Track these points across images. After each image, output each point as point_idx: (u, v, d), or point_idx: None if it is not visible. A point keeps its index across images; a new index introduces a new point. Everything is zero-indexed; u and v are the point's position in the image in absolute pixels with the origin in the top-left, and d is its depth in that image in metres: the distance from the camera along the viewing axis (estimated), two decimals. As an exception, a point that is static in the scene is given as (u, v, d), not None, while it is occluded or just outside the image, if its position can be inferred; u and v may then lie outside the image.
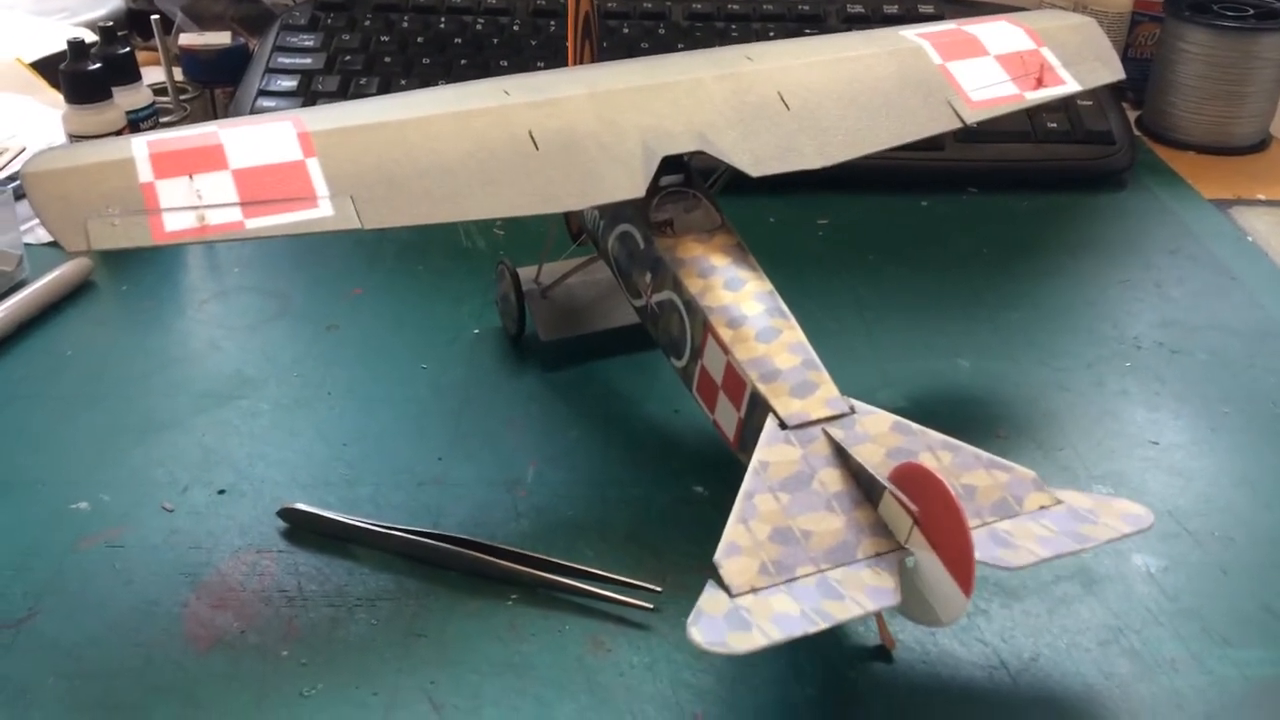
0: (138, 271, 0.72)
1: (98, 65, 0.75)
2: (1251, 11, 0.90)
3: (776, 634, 0.37)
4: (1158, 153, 0.91)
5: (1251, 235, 0.79)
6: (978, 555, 0.40)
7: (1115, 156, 0.84)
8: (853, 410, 0.45)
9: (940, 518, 0.39)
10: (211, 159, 0.45)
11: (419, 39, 0.92)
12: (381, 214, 0.46)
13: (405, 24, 0.93)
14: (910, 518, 0.40)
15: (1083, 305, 0.70)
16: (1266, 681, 0.45)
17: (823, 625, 0.37)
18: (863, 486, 0.42)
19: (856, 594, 0.39)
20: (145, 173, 0.44)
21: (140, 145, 0.45)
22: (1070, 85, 0.57)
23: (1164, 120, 0.93)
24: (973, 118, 0.55)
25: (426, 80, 0.87)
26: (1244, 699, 0.44)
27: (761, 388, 0.45)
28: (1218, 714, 0.43)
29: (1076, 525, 0.42)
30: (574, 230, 0.66)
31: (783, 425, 0.44)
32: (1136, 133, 0.93)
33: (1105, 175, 0.85)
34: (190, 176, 0.44)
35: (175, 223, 0.43)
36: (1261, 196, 0.85)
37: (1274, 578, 0.49)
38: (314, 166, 0.46)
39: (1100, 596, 0.48)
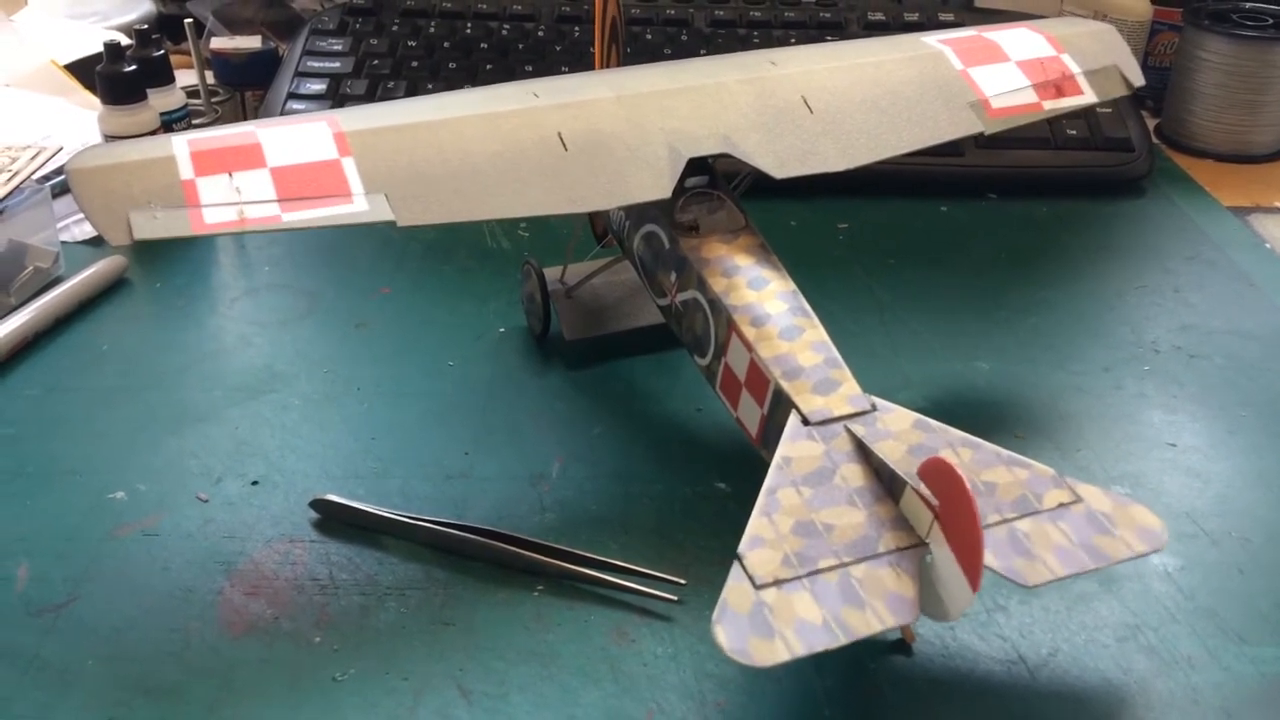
0: (171, 269, 0.74)
1: (133, 67, 0.76)
2: (1271, 21, 0.91)
3: (799, 647, 0.38)
4: (1176, 160, 0.92)
5: (1270, 242, 0.79)
6: (996, 563, 0.41)
7: (1134, 164, 0.85)
8: (874, 407, 0.45)
9: (956, 512, 0.39)
10: (250, 157, 0.46)
11: (445, 43, 0.93)
12: (415, 212, 0.47)
13: (432, 29, 0.94)
14: (931, 513, 0.41)
15: (1101, 310, 0.71)
16: (1282, 678, 0.45)
17: (844, 640, 0.38)
18: (884, 482, 0.43)
19: (877, 603, 0.39)
20: (186, 170, 0.45)
21: (181, 144, 0.46)
22: (1088, 96, 0.58)
23: (1183, 128, 0.94)
24: (992, 128, 0.55)
25: (452, 84, 0.88)
26: (1260, 695, 0.44)
27: (784, 385, 0.46)
28: (1234, 710, 0.44)
29: (1092, 536, 0.42)
30: (599, 231, 0.67)
31: (805, 421, 0.45)
32: (1155, 140, 0.94)
33: (1124, 182, 0.85)
34: (230, 174, 0.46)
35: (215, 217, 0.45)
36: (1279, 204, 0.85)
37: (1290, 578, 0.50)
38: (349, 165, 0.47)
39: (1118, 594, 0.49)
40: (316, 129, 0.48)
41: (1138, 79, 0.59)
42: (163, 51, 0.81)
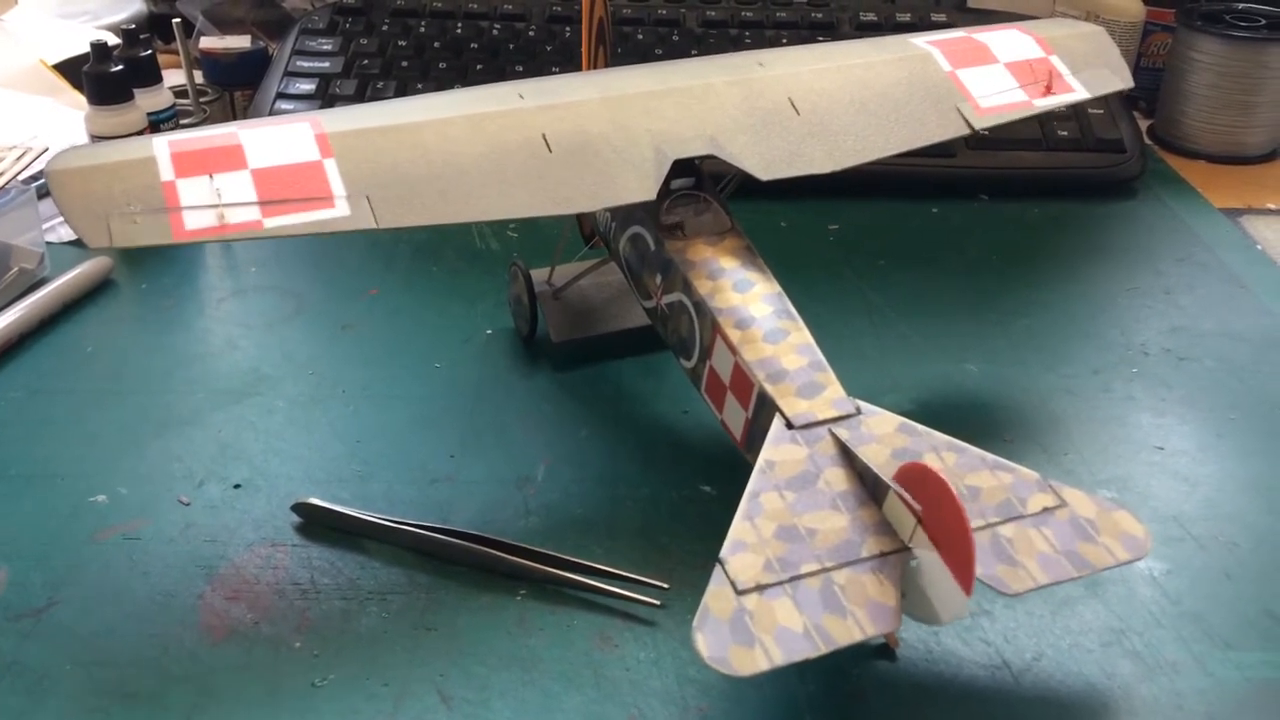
0: (157, 270, 0.73)
1: (120, 67, 0.76)
2: (1263, 22, 0.90)
3: (779, 656, 0.37)
4: (1168, 162, 0.92)
5: (1261, 244, 0.79)
6: (978, 569, 0.40)
7: (1126, 165, 0.85)
8: (859, 411, 0.45)
9: (943, 517, 0.39)
10: (231, 159, 0.46)
11: (435, 43, 0.93)
12: (397, 213, 0.46)
13: (422, 29, 0.94)
14: (914, 517, 0.40)
15: (1091, 312, 0.70)
16: (1267, 684, 0.45)
17: (824, 649, 0.38)
18: (867, 486, 0.43)
19: (859, 611, 0.39)
20: (166, 171, 0.45)
21: (162, 144, 0.46)
22: (1079, 93, 0.58)
23: (1175, 129, 0.94)
24: (981, 124, 0.55)
25: (443, 84, 0.88)
26: (1245, 701, 0.44)
27: (769, 388, 0.46)
28: (1218, 715, 0.44)
29: (1076, 543, 0.42)
30: (586, 233, 0.67)
31: (789, 425, 0.45)
32: (1147, 142, 0.94)
33: (1116, 183, 0.85)
34: (210, 176, 0.45)
35: (195, 221, 0.44)
36: (1271, 206, 0.85)
37: (1277, 582, 0.50)
38: (331, 167, 0.47)
39: (1103, 599, 0.49)
40: (299, 130, 0.48)
41: (1127, 81, 0.59)
42: (150, 51, 0.81)
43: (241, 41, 0.94)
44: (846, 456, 0.43)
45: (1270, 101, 0.90)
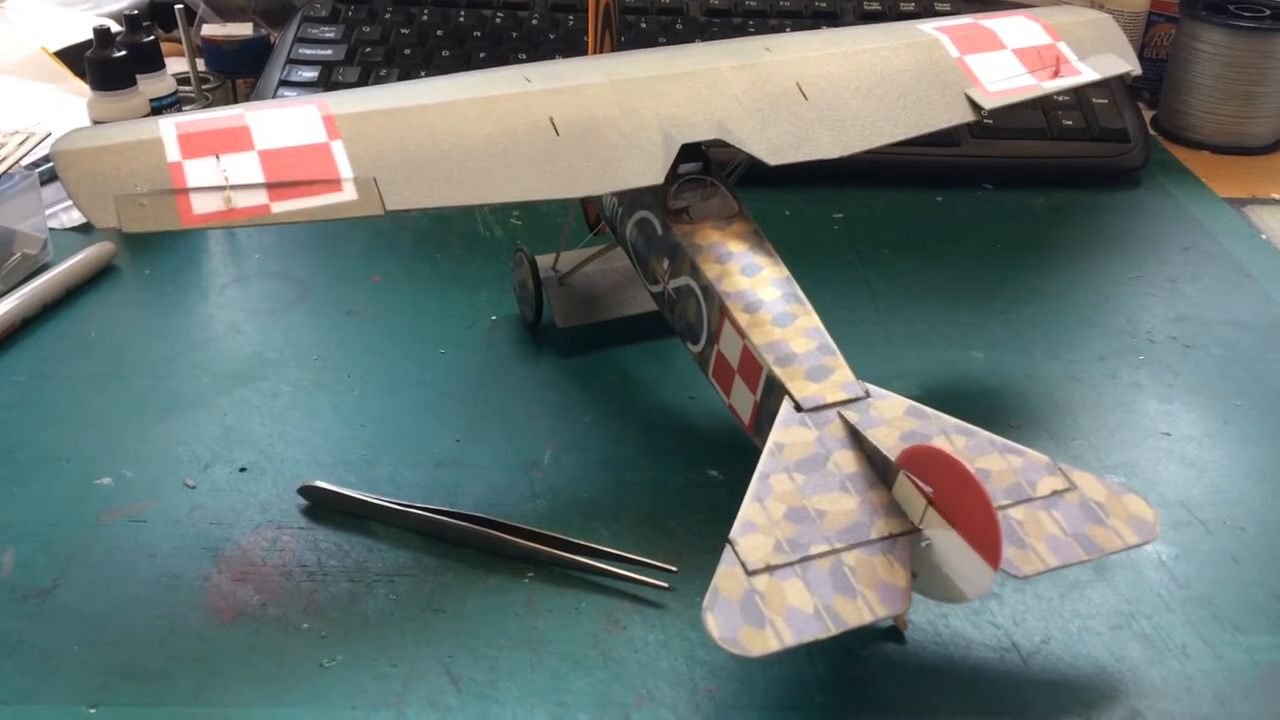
0: (160, 256, 0.73)
1: (123, 53, 0.76)
2: (1267, 12, 0.90)
3: (789, 636, 0.37)
4: (1173, 152, 0.92)
5: (1265, 233, 0.79)
6: None
7: (1130, 154, 0.85)
8: (867, 394, 0.45)
9: (958, 495, 0.39)
10: (238, 140, 0.46)
11: (438, 32, 0.92)
12: (404, 195, 0.46)
13: (425, 17, 0.94)
14: (924, 499, 0.40)
15: (1096, 300, 0.70)
16: (1276, 667, 0.45)
17: (834, 630, 0.38)
18: (877, 468, 0.42)
19: (869, 592, 0.39)
20: (173, 152, 0.45)
21: (168, 125, 0.46)
22: (1087, 74, 0.57)
23: (1179, 120, 0.94)
24: (990, 104, 0.55)
25: (445, 73, 0.87)
26: (1253, 683, 0.44)
27: (777, 371, 0.46)
28: (1227, 698, 0.44)
29: (1085, 526, 0.42)
30: (591, 219, 0.67)
31: (798, 408, 0.45)
32: (1151, 132, 0.94)
33: (1120, 173, 0.85)
34: (217, 156, 0.45)
35: (202, 204, 0.44)
36: (1275, 195, 0.85)
37: (1285, 567, 0.50)
38: (338, 148, 0.47)
39: (1112, 583, 0.49)
40: (306, 112, 0.48)
41: (1134, 66, 0.59)
42: (153, 38, 0.81)
43: (243, 29, 0.94)
44: (856, 439, 0.43)
45: (1274, 92, 0.90)
